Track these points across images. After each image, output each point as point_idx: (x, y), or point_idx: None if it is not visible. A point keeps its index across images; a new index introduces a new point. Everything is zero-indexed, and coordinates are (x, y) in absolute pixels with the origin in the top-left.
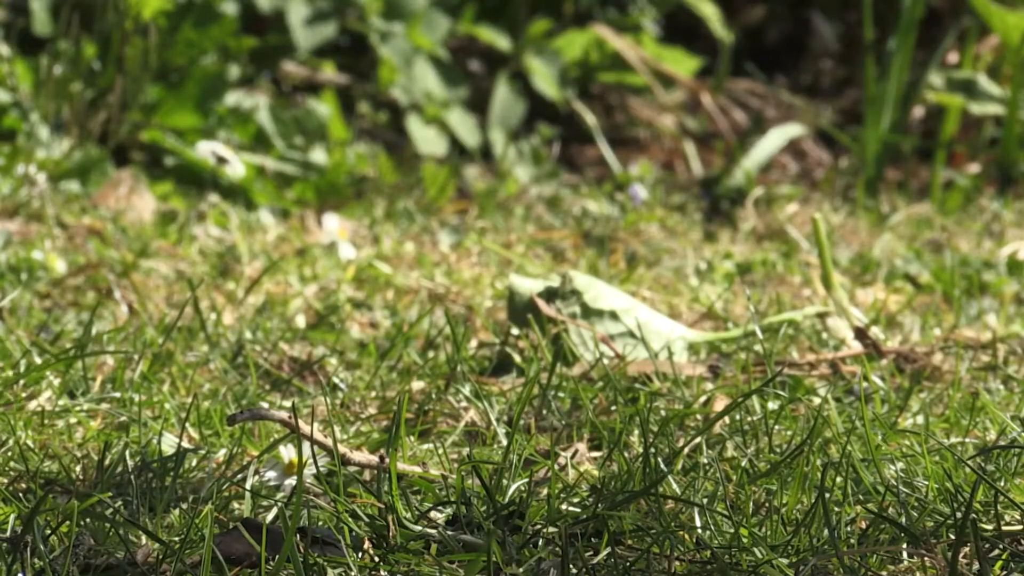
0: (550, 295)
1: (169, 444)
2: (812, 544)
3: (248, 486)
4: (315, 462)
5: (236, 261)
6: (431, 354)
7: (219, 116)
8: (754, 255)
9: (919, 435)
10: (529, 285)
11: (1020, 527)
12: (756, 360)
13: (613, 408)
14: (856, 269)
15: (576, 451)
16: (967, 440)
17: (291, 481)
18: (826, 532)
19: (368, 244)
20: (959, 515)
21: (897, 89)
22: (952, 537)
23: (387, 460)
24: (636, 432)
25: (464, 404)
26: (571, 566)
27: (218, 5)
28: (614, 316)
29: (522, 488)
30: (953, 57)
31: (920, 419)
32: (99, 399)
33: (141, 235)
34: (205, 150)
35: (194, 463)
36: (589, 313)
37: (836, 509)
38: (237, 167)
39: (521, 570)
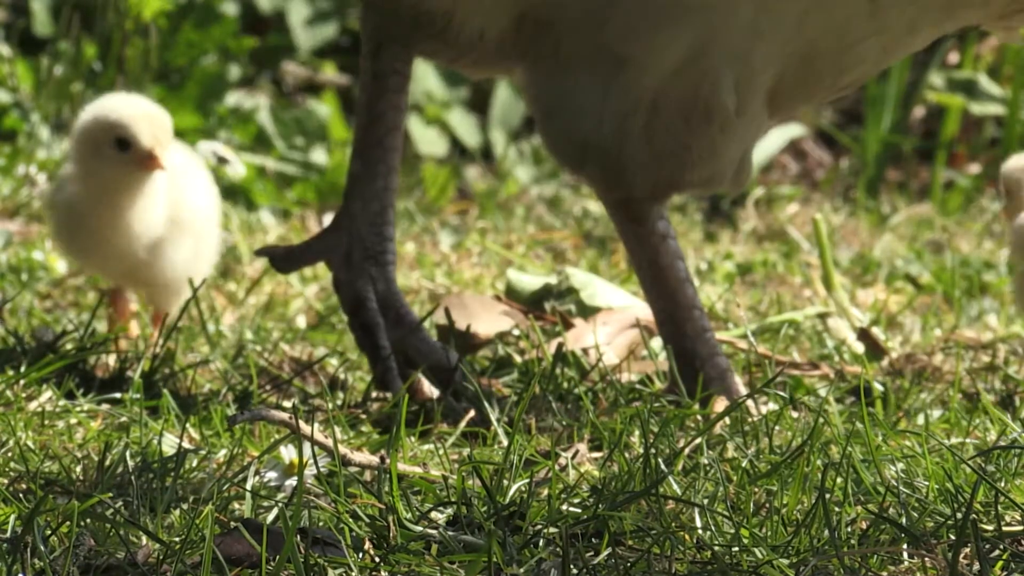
0: (547, 292)
1: (170, 444)
2: (813, 545)
3: (249, 487)
4: (316, 463)
5: (237, 261)
6: None
7: (220, 116)
8: (755, 255)
9: (919, 435)
10: (527, 281)
11: (1021, 527)
12: (757, 360)
13: (614, 409)
14: (857, 270)
15: (577, 452)
16: (967, 441)
17: (292, 482)
18: (827, 533)
19: None
20: (959, 516)
21: (898, 89)
22: (952, 538)
23: (388, 461)
24: (637, 432)
25: (464, 404)
26: (572, 567)
27: (219, 6)
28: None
29: (523, 489)
30: (954, 57)
31: (920, 419)
32: (99, 400)
33: None
34: (206, 150)
35: (195, 463)
36: (586, 311)
37: (836, 510)
38: (238, 167)
39: (522, 571)
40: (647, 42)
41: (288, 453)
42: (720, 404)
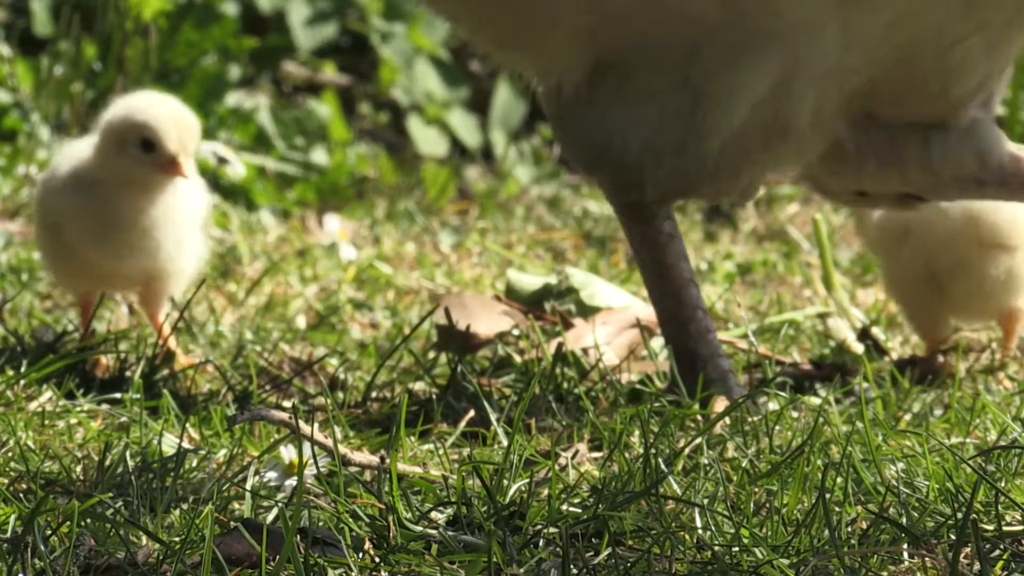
0: (547, 292)
1: (169, 445)
2: (813, 544)
3: (248, 486)
4: (315, 462)
5: (237, 262)
6: (431, 354)
7: (220, 117)
8: (755, 255)
9: (920, 435)
10: (527, 281)
11: (1021, 527)
12: (757, 360)
13: (614, 409)
14: (857, 270)
15: (577, 451)
16: (968, 440)
17: (291, 481)
18: (827, 532)
19: (369, 245)
20: (960, 515)
21: None
22: (953, 537)
23: (387, 460)
24: (637, 432)
25: (464, 404)
26: (572, 567)
27: (218, 6)
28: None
29: (523, 489)
30: None
31: (921, 419)
32: (99, 400)
33: None
34: (206, 151)
35: (194, 463)
36: (586, 311)
37: (837, 509)
38: (238, 168)
39: (522, 571)
40: (731, 77)
41: (288, 453)
42: (720, 404)
